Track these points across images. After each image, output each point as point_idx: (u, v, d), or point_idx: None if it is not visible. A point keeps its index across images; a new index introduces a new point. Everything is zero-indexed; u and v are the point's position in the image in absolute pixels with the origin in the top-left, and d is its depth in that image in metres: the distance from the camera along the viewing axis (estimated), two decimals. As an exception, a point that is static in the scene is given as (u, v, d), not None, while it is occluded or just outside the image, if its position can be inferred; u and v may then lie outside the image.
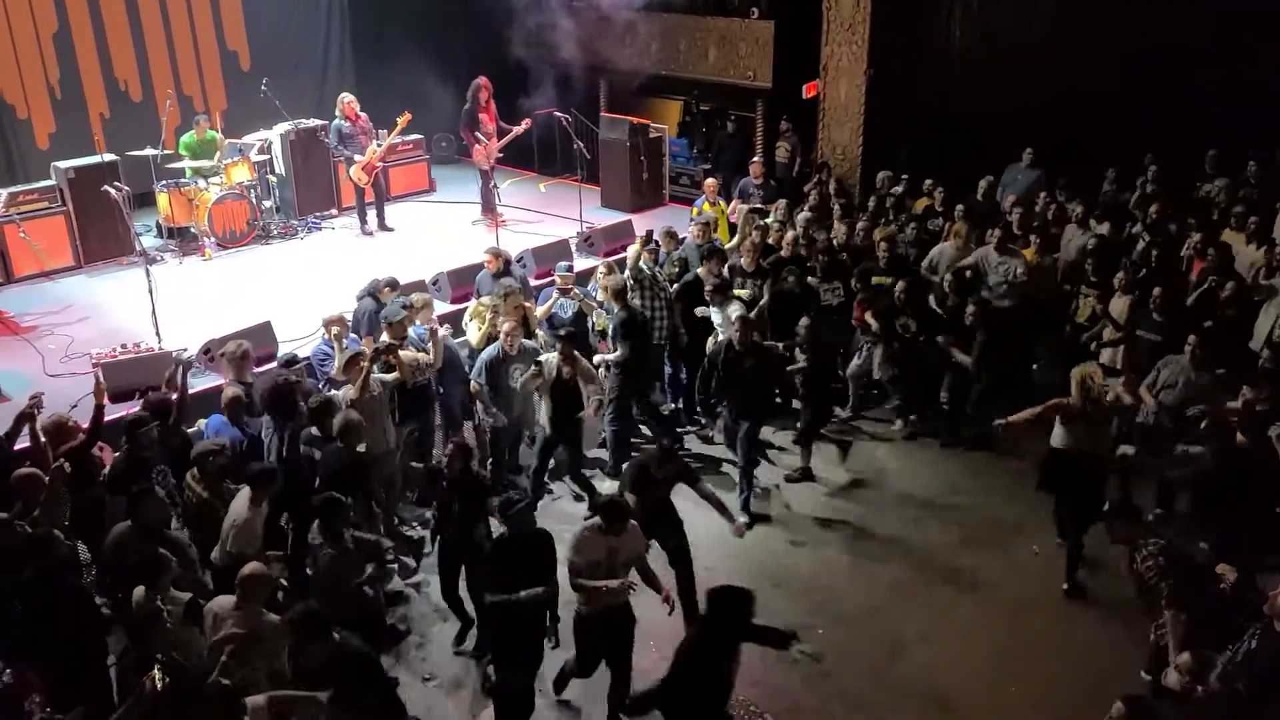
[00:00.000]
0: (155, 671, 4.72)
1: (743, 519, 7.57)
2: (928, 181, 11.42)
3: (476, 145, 12.59)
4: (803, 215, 10.95)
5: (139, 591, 5.25)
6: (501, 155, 12.93)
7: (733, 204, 12.03)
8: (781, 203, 11.38)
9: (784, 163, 13.38)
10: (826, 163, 12.88)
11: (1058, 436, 7.27)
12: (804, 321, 8.75)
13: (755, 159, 12.64)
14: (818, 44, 12.86)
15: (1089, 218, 10.30)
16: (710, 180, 12.22)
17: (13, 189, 11.32)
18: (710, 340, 9.11)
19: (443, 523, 6.66)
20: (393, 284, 8.90)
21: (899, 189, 11.68)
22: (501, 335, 8.03)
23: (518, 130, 12.71)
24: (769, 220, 10.84)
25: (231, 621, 5.22)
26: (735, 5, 13.99)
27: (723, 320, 8.89)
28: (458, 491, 6.49)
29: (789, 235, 10.12)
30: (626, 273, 9.37)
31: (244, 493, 6.24)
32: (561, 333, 8.18)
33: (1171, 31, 11.83)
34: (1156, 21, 11.93)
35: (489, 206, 12.86)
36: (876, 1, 12.12)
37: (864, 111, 12.62)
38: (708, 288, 9.02)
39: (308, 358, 8.44)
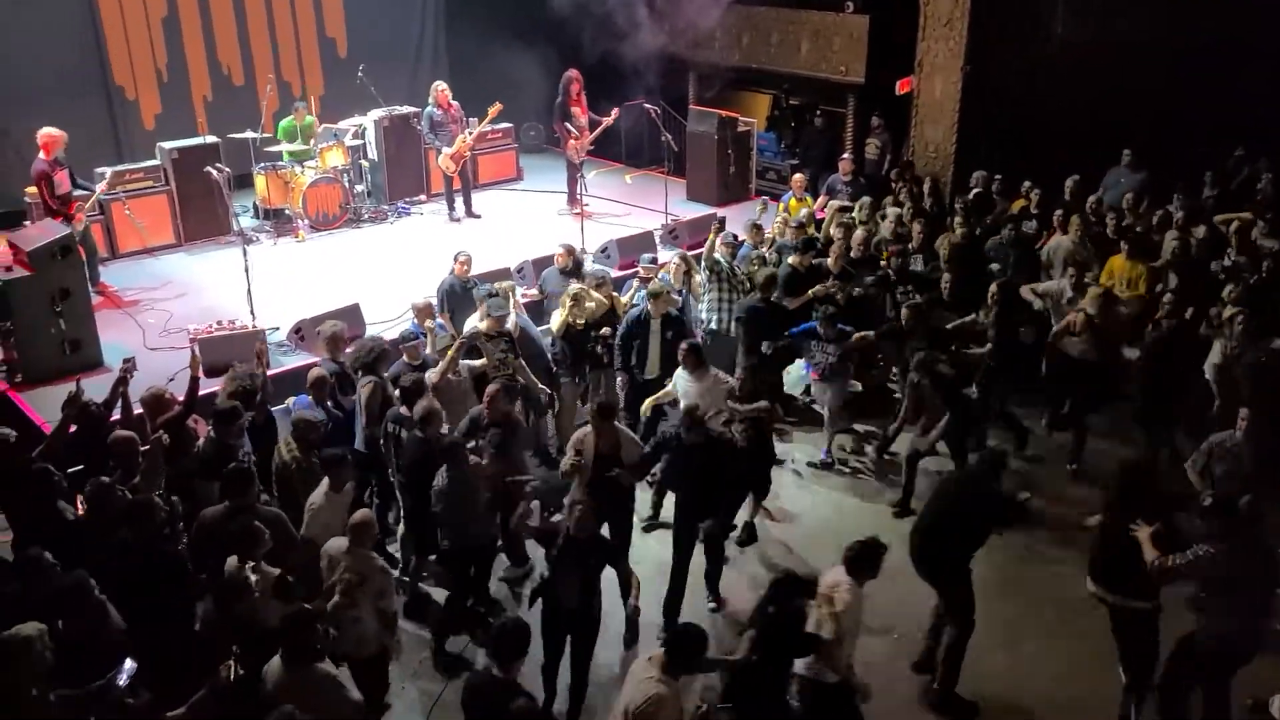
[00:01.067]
0: (229, 663, 4.85)
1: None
2: (1026, 183, 11.10)
3: (570, 138, 12.65)
4: (894, 210, 10.76)
5: (231, 562, 5.40)
6: (592, 148, 13.00)
7: (820, 200, 11.87)
8: (865, 200, 11.19)
9: (874, 159, 13.16)
10: (911, 161, 12.62)
11: (1073, 346, 8.23)
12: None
13: (845, 155, 12.47)
14: (913, 39, 12.61)
15: (1189, 224, 9.89)
16: (798, 175, 12.08)
17: (119, 168, 11.71)
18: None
19: (555, 585, 5.87)
20: (458, 257, 9.07)
21: (978, 190, 11.27)
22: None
23: (607, 121, 12.75)
24: (850, 217, 10.67)
25: (344, 564, 5.57)
26: (829, -1, 13.82)
27: (688, 389, 7.62)
28: (581, 554, 5.78)
29: (857, 234, 9.91)
30: (703, 264, 9.30)
31: (325, 479, 6.33)
32: (598, 402, 7.01)
33: (1221, 29, 11.45)
34: (1206, 19, 11.57)
35: (575, 197, 12.94)
36: (976, -3, 11.83)
37: (959, 109, 12.35)
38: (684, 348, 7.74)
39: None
